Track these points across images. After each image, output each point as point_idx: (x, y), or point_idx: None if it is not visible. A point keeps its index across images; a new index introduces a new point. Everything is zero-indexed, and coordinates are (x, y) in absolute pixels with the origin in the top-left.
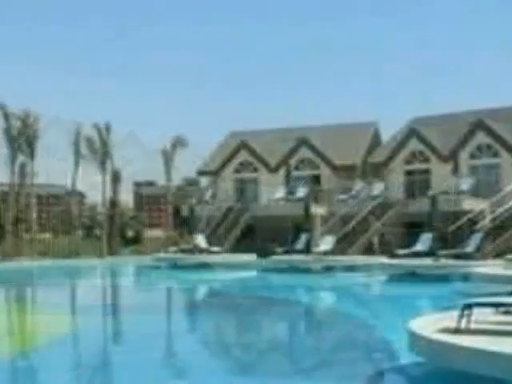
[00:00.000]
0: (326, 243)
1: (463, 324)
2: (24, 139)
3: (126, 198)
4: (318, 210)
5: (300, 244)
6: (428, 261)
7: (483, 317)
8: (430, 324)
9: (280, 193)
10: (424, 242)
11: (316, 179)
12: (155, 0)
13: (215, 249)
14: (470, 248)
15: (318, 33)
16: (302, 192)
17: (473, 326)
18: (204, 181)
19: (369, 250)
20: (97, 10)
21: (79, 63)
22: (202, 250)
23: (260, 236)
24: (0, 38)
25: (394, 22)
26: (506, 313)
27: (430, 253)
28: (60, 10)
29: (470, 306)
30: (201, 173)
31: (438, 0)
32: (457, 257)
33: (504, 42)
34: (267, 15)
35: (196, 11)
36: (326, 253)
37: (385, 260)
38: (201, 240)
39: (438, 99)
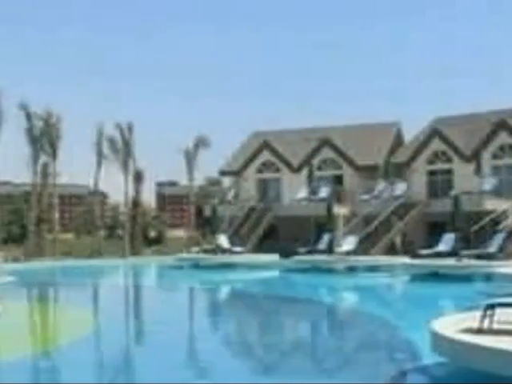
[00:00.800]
0: (349, 243)
1: (486, 324)
2: (46, 139)
3: (149, 198)
4: (340, 210)
5: (322, 244)
6: (450, 261)
7: (506, 317)
8: (453, 324)
9: (302, 193)
10: (446, 242)
11: (338, 179)
12: (178, 2)
13: (238, 249)
14: (492, 248)
15: (340, 33)
16: (324, 192)
17: (495, 326)
18: (226, 181)
19: (391, 250)
20: (119, 12)
21: (102, 64)
22: (224, 250)
23: (282, 236)
24: (23, 40)
25: (417, 22)
26: None
27: (452, 253)
28: (82, 12)
29: (492, 307)
30: (223, 173)
31: (460, 0)
32: (479, 257)
33: None
34: (290, 16)
35: (219, 13)
36: (348, 253)
37: (407, 260)
38: (223, 240)
39: (461, 99)
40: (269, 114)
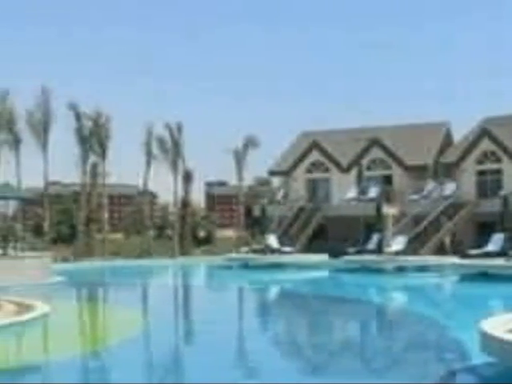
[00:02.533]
0: (398, 243)
1: None
2: (96, 139)
3: (198, 197)
4: (389, 210)
5: (372, 244)
6: (500, 261)
7: None
8: (502, 324)
9: (352, 193)
10: (496, 242)
11: (388, 179)
12: (226, 2)
13: (287, 249)
14: None
15: (388, 33)
16: (373, 192)
17: None
18: (276, 181)
19: (441, 250)
20: (168, 12)
21: (151, 64)
22: (273, 250)
23: (332, 236)
24: (73, 40)
25: (466, 22)
26: None
27: (501, 253)
28: (131, 12)
29: None
30: (272, 173)
31: (508, 0)
32: None
33: None
34: (339, 17)
35: (268, 13)
36: (397, 253)
37: (456, 260)
38: (272, 240)
39: (510, 99)
40: (317, 114)
